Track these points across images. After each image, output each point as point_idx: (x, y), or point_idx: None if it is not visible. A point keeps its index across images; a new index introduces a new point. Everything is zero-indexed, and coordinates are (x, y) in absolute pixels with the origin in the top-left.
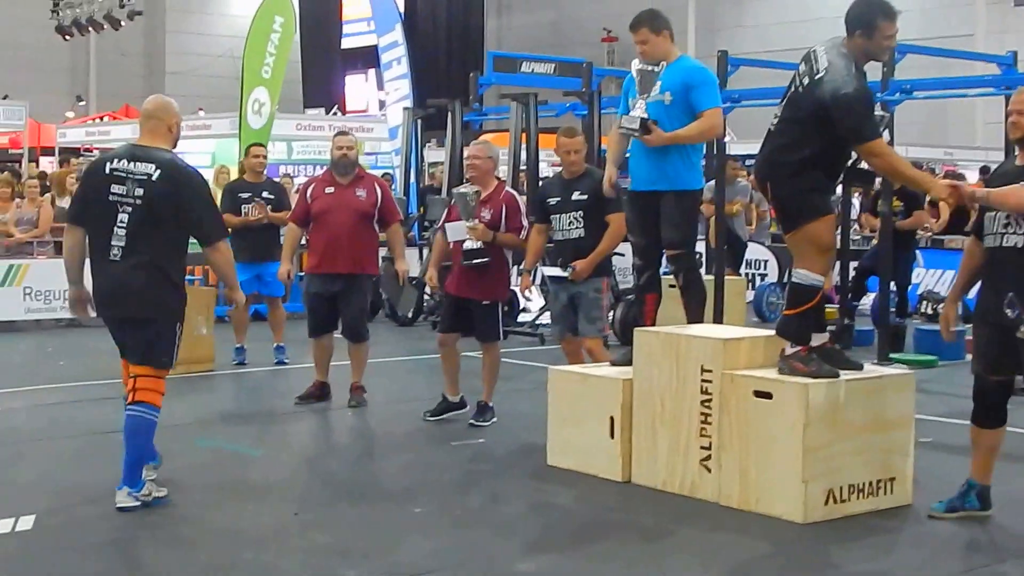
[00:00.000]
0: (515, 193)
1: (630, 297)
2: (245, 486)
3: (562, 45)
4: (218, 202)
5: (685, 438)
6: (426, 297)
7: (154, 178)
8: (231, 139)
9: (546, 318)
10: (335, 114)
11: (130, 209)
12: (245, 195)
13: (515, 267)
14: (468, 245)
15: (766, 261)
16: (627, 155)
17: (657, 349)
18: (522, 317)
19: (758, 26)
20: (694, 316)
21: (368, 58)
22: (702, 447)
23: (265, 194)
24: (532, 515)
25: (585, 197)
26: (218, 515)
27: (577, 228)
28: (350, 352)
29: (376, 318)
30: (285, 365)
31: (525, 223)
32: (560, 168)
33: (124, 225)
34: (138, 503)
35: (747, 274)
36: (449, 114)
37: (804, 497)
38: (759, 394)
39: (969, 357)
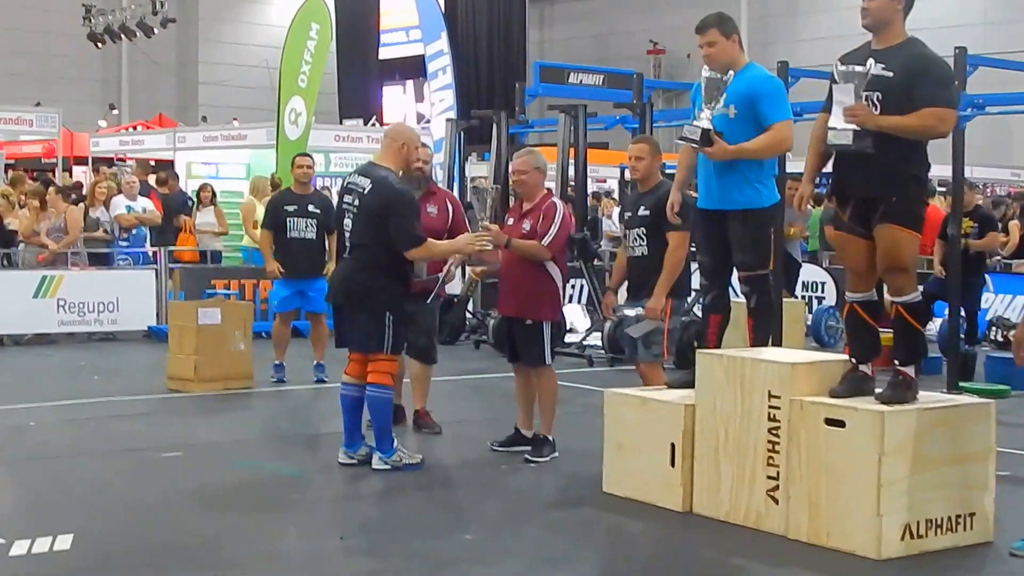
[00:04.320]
0: (559, 203)
1: (684, 319)
2: (286, 508)
3: (606, 58)
4: (261, 215)
5: (750, 467)
6: (468, 315)
7: (366, 191)
8: (266, 150)
9: (594, 339)
10: (373, 125)
11: (352, 216)
12: (291, 207)
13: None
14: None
15: (823, 283)
16: None
17: (720, 373)
18: (569, 338)
19: (815, 40)
20: (758, 341)
21: (406, 69)
22: (769, 477)
23: (311, 207)
24: (588, 546)
25: (648, 213)
26: (259, 539)
27: (640, 246)
28: (415, 375)
29: None
30: (325, 384)
31: (554, 231)
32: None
33: (349, 229)
34: (388, 467)
35: (803, 297)
36: (494, 126)
37: (880, 532)
38: (831, 422)
39: None
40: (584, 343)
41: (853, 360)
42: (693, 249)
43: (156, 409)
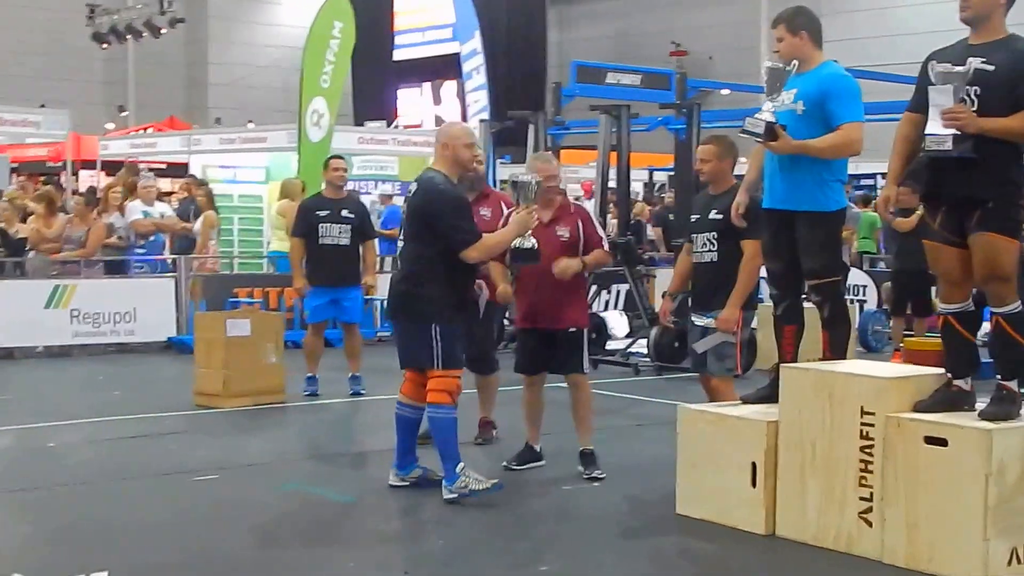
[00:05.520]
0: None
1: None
2: (341, 539)
3: (627, 60)
4: (292, 222)
5: (841, 487)
6: (506, 323)
7: (413, 195)
8: (286, 153)
9: (638, 346)
10: (396, 127)
11: (406, 223)
12: (323, 212)
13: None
14: (519, 243)
15: (864, 287)
16: None
17: (807, 388)
18: (610, 344)
19: (843, 40)
20: (836, 353)
21: (422, 71)
22: (861, 498)
23: (345, 212)
24: (672, 572)
25: (720, 217)
26: (315, 573)
27: (710, 252)
28: (479, 385)
29: None
30: (362, 396)
31: (602, 233)
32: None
33: (402, 237)
34: (455, 495)
35: (849, 300)
36: (531, 128)
37: (987, 557)
38: (931, 440)
39: None
40: (629, 351)
41: (948, 375)
42: None
43: (185, 427)
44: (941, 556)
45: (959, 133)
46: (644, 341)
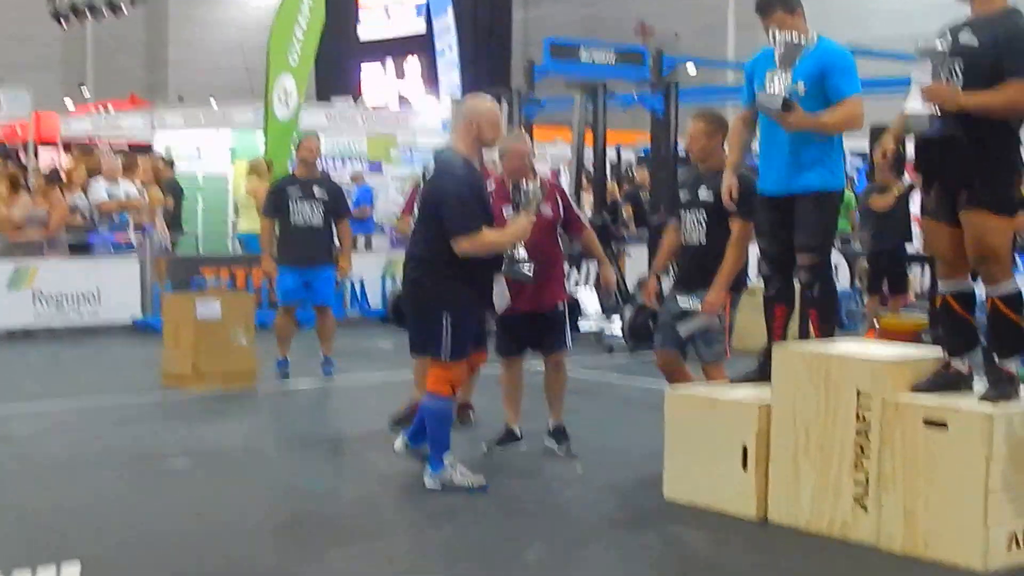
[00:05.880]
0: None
1: (641, 300)
2: (324, 529)
3: (593, 38)
4: (262, 201)
5: (835, 472)
6: None
7: (428, 175)
8: (251, 131)
9: (612, 326)
10: (375, 104)
11: (420, 204)
12: (295, 192)
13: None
14: (520, 254)
15: (837, 266)
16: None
17: (801, 370)
18: (583, 325)
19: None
20: (823, 332)
21: (387, 48)
22: (857, 482)
23: (318, 191)
24: (664, 559)
25: (711, 198)
26: (299, 566)
27: (699, 232)
28: None
29: None
30: (334, 380)
31: (579, 211)
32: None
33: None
34: (436, 485)
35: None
36: (506, 105)
37: (987, 542)
38: (931, 423)
39: None
40: (603, 331)
41: (946, 355)
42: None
43: (154, 411)
44: (939, 542)
45: (940, 111)
46: (618, 321)
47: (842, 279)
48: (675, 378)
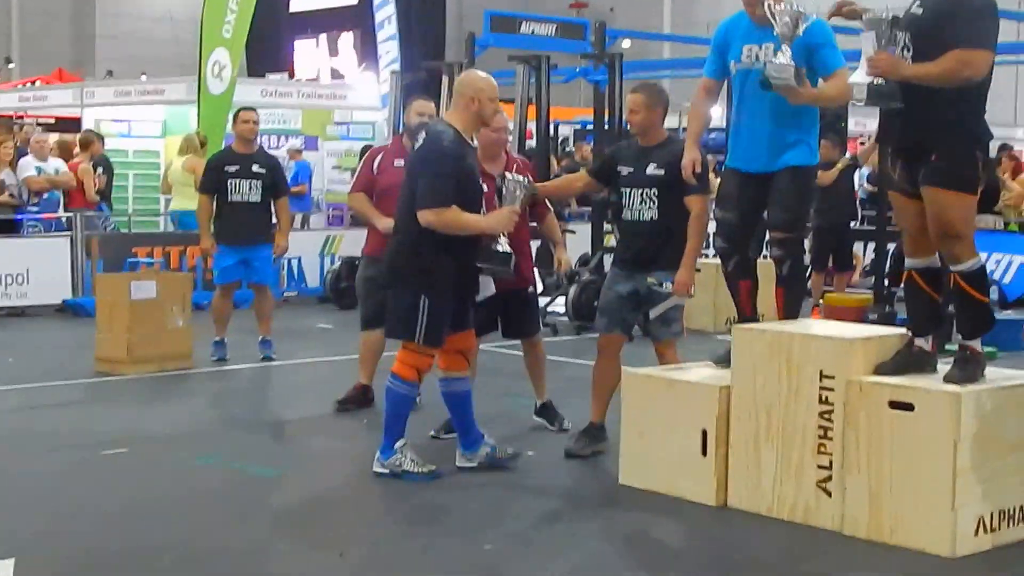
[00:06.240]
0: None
1: (586, 278)
2: (270, 518)
3: (528, 11)
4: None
5: (798, 456)
6: None
7: (416, 149)
8: (185, 106)
9: (556, 307)
10: (299, 80)
11: (405, 180)
12: (233, 168)
13: None
14: (501, 248)
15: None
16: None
17: (762, 351)
18: None
19: None
20: (790, 311)
21: (319, 22)
22: (820, 466)
23: (256, 167)
24: (621, 548)
25: (662, 172)
26: (245, 557)
27: (650, 209)
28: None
29: None
30: (273, 361)
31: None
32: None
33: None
34: (387, 472)
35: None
36: (445, 79)
37: (954, 526)
38: (896, 405)
39: None
40: (547, 310)
41: (909, 333)
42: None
43: (87, 396)
44: (906, 526)
45: (882, 82)
46: (562, 300)
47: None
48: (609, 362)
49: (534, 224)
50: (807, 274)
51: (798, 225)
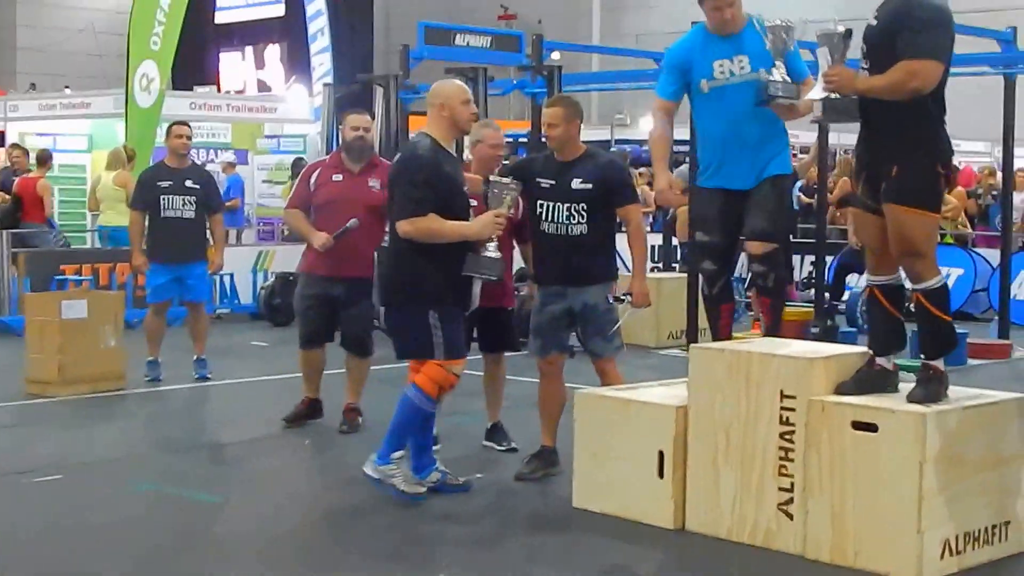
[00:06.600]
0: None
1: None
2: (215, 547)
3: (456, 23)
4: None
5: (758, 477)
6: None
7: (391, 165)
8: (111, 119)
9: None
10: (227, 93)
11: (388, 195)
12: (165, 183)
13: None
14: (490, 253)
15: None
16: None
17: (720, 370)
18: None
19: (665, 6)
20: (774, 322)
21: (245, 35)
22: (781, 488)
23: (189, 182)
24: (577, 572)
25: (590, 187)
26: None
27: (579, 224)
28: (349, 367)
29: None
30: (209, 381)
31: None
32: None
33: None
34: (375, 476)
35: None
36: (382, 91)
37: (920, 550)
38: (859, 426)
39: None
40: None
41: (871, 352)
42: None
43: (18, 420)
44: (870, 550)
45: (835, 97)
46: None
47: None
48: (553, 383)
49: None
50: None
51: (780, 235)
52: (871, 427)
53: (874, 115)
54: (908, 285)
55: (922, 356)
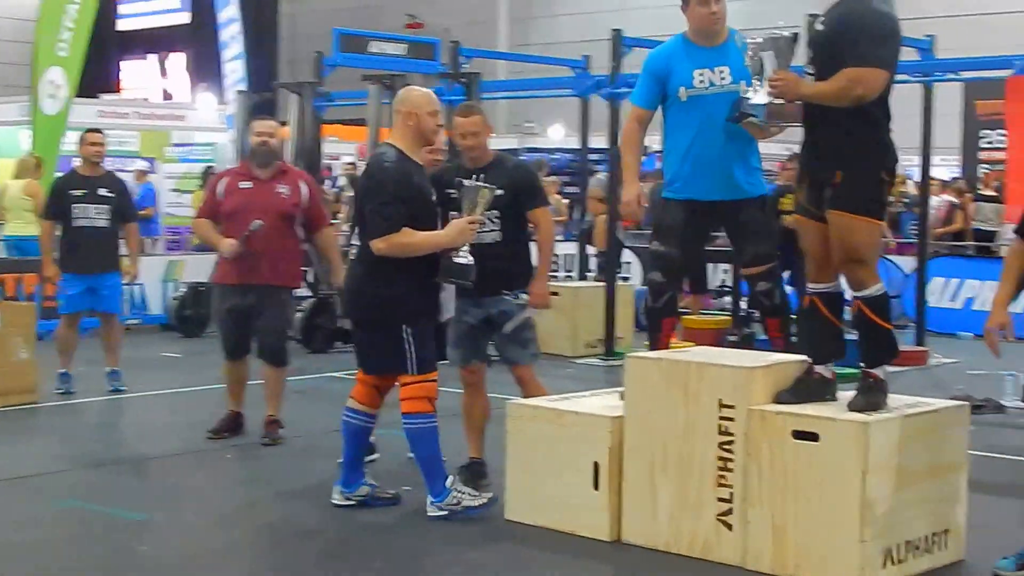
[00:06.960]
0: None
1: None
2: (140, 567)
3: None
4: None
5: (696, 488)
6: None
7: (360, 179)
8: (16, 127)
9: None
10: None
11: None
12: (78, 192)
13: None
14: (462, 259)
15: (628, 263)
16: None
17: (657, 380)
18: None
19: (574, 15)
20: (786, 337)
21: (149, 42)
22: (720, 499)
23: (103, 191)
24: None
25: (502, 192)
26: None
27: (493, 231)
28: (266, 378)
29: None
30: (123, 393)
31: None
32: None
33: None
34: (443, 513)
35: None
36: (297, 99)
37: (862, 560)
38: (800, 435)
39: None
40: None
41: (809, 361)
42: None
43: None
44: (811, 560)
45: (782, 102)
46: None
47: (634, 277)
48: (476, 394)
49: None
50: None
51: (776, 253)
52: (812, 436)
53: (818, 121)
54: (848, 293)
55: (862, 364)
